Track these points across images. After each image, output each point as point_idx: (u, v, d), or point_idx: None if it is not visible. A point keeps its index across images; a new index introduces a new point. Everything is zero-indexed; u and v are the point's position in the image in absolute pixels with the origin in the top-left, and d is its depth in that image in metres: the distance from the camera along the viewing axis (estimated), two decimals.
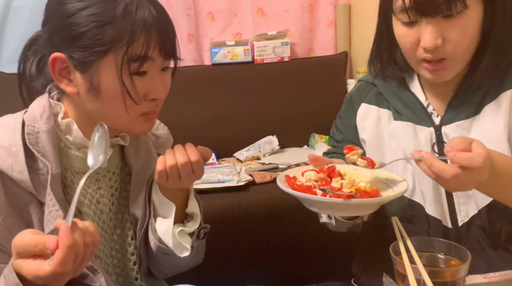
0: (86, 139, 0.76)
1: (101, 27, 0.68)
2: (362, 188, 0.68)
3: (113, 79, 0.70)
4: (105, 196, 0.80)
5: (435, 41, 0.78)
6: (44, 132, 0.71)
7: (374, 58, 0.96)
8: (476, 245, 0.86)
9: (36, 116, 0.72)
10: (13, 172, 0.68)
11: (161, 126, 0.95)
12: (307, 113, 2.24)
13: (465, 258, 0.64)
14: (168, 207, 0.82)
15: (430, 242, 0.69)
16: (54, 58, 0.71)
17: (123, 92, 0.71)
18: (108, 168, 0.81)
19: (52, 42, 0.72)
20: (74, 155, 0.76)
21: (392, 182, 0.73)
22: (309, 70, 2.34)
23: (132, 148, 0.86)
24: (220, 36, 2.39)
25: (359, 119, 0.99)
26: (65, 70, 0.72)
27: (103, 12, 0.69)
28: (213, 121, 2.17)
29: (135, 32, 0.69)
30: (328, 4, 2.44)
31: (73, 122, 0.76)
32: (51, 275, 0.54)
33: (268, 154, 2.10)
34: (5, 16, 2.16)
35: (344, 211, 0.69)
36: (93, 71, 0.70)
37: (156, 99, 0.76)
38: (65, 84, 0.73)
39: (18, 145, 0.69)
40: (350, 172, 0.77)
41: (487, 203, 0.84)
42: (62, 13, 0.70)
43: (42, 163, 0.70)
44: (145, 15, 0.70)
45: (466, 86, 0.87)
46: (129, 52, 0.69)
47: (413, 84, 0.94)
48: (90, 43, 0.69)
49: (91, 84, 0.71)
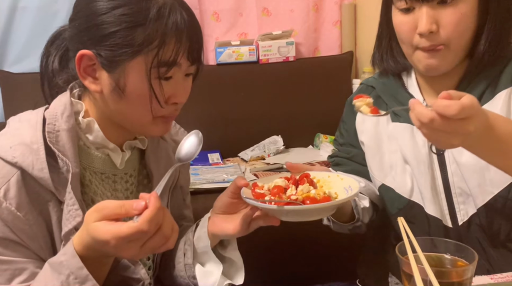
0: (106, 139, 0.76)
1: (133, 28, 0.68)
2: (312, 195, 0.72)
3: (140, 81, 0.70)
4: (120, 198, 0.80)
5: (429, 25, 0.79)
6: (65, 130, 0.71)
7: (376, 51, 0.97)
8: (477, 244, 0.86)
9: (57, 114, 0.72)
10: (33, 169, 0.68)
11: (181, 131, 0.94)
12: (312, 113, 2.24)
13: (472, 259, 0.63)
14: (210, 260, 0.81)
15: (436, 242, 0.69)
16: (81, 55, 0.70)
17: (150, 95, 0.70)
18: (126, 170, 0.81)
19: (80, 39, 0.71)
20: (93, 154, 0.76)
21: (353, 188, 0.75)
22: (314, 70, 2.34)
23: (152, 154, 0.85)
24: (225, 36, 2.39)
25: (358, 122, 1.00)
26: (90, 68, 0.71)
27: (135, 13, 0.68)
28: (218, 120, 2.16)
29: (166, 35, 0.68)
30: (333, 3, 2.44)
31: (94, 121, 0.75)
32: (133, 233, 0.57)
33: (273, 154, 2.10)
34: (12, 16, 2.17)
35: (291, 216, 0.73)
36: (121, 71, 0.70)
37: (177, 104, 0.75)
38: (89, 82, 0.72)
39: (39, 143, 0.69)
40: (324, 179, 0.80)
41: (485, 202, 0.84)
42: (93, 11, 0.69)
43: (62, 161, 0.70)
44: (178, 19, 0.69)
45: (464, 86, 0.86)
46: (159, 56, 0.68)
47: (410, 85, 0.94)
48: (120, 43, 0.68)
49: (116, 84, 0.70)
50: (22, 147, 0.69)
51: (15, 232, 0.67)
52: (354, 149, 1.02)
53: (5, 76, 2.16)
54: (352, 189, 0.75)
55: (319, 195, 0.72)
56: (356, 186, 0.75)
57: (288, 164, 0.80)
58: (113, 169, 0.79)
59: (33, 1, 2.16)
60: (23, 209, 0.68)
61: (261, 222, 0.77)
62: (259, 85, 2.27)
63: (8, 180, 0.67)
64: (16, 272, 0.67)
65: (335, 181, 0.79)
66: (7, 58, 2.21)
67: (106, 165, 0.77)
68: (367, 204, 0.95)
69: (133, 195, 0.83)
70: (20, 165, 0.68)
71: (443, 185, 0.88)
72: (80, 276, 0.62)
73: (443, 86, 0.87)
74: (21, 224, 0.67)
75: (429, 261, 0.63)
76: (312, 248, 1.66)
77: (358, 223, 0.94)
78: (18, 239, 0.67)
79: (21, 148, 0.68)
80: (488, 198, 0.83)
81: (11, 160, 0.68)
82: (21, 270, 0.67)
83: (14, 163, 0.68)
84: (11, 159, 0.68)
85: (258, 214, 0.77)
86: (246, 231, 0.78)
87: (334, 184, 0.78)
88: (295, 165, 0.80)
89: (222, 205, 0.80)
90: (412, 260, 0.63)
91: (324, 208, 0.71)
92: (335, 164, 1.05)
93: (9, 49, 2.20)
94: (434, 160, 0.88)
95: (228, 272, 0.83)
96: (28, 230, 0.68)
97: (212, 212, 0.83)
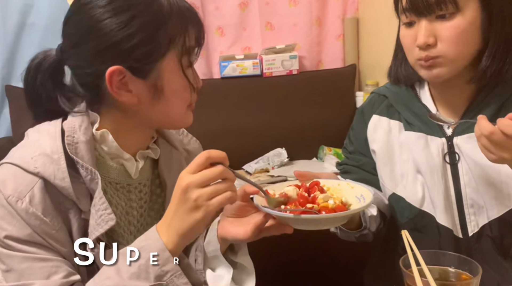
0: (120, 149, 0.77)
1: (156, 31, 0.69)
2: (330, 205, 0.73)
3: (176, 75, 0.72)
4: (134, 207, 0.81)
5: (426, 39, 0.81)
6: (83, 142, 0.72)
7: (392, 64, 0.98)
8: (487, 256, 0.85)
9: (75, 126, 0.73)
10: (55, 179, 0.69)
11: (193, 140, 0.96)
12: (316, 125, 2.25)
13: (476, 272, 0.64)
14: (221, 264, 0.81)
15: (441, 255, 0.69)
16: (111, 72, 0.70)
17: (187, 85, 0.73)
18: (139, 180, 0.81)
19: (99, 59, 0.71)
20: (109, 165, 0.77)
21: (365, 197, 0.77)
22: (318, 83, 2.35)
23: (165, 163, 0.85)
24: (229, 50, 2.42)
25: (370, 130, 1.00)
26: (120, 82, 0.71)
27: (153, 16, 0.69)
28: (222, 133, 2.18)
29: (185, 23, 0.72)
30: (336, 17, 2.46)
31: (108, 132, 0.76)
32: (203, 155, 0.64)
33: (277, 167, 2.10)
34: (20, 33, 2.21)
35: (307, 225, 0.74)
36: (155, 75, 0.71)
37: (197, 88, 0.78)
38: (124, 97, 0.72)
39: (60, 153, 0.70)
40: (334, 188, 0.81)
41: (500, 215, 0.84)
42: (106, 29, 0.69)
43: (86, 171, 0.71)
44: (186, 4, 0.73)
45: (480, 99, 0.87)
46: (187, 44, 0.72)
47: (424, 96, 0.95)
48: (147, 50, 0.69)
49: (154, 89, 0.72)
50: (43, 157, 0.70)
51: (44, 237, 0.68)
52: (364, 158, 1.02)
53: (13, 91, 2.19)
54: (364, 198, 0.75)
55: (335, 204, 0.73)
56: (369, 194, 0.75)
57: (296, 173, 0.80)
58: (128, 179, 0.80)
59: (41, 18, 2.20)
60: (48, 214, 0.69)
61: (274, 230, 0.78)
62: (263, 98, 2.29)
63: (32, 187, 0.68)
64: (52, 270, 0.67)
65: (345, 190, 0.80)
66: (15, 73, 2.24)
67: (121, 175, 0.78)
68: (374, 213, 0.95)
69: (146, 204, 0.83)
70: (42, 175, 0.69)
71: (455, 196, 0.88)
72: (162, 258, 0.63)
73: (456, 97, 0.89)
74: (48, 228, 0.68)
75: (433, 274, 0.63)
76: (318, 257, 1.66)
77: (365, 231, 0.94)
78: (46, 243, 0.68)
79: (42, 159, 0.70)
80: (503, 211, 0.84)
81: (33, 170, 0.69)
82: (58, 268, 0.68)
83: (36, 173, 0.69)
84: (33, 170, 0.69)
85: (272, 223, 0.78)
86: (256, 237, 0.78)
87: (345, 193, 0.79)
88: (303, 173, 0.80)
89: (233, 207, 0.80)
90: (416, 273, 0.63)
91: (341, 217, 0.72)
92: (344, 172, 1.05)
93: (17, 64, 2.24)
94: (447, 170, 0.88)
95: (239, 278, 0.83)
96: (55, 235, 0.69)
97: (222, 215, 0.83)
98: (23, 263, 0.66)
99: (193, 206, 0.64)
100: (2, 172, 0.70)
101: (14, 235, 0.67)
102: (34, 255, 0.67)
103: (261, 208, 0.73)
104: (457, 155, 0.87)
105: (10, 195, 0.67)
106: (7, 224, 0.67)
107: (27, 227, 0.67)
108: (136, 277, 0.63)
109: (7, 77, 2.23)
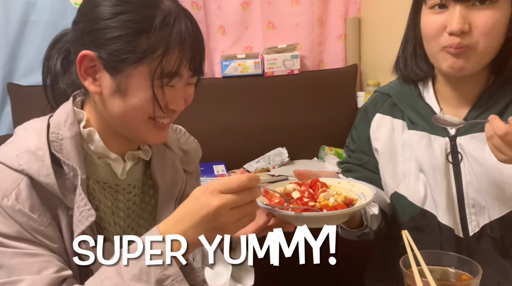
0: (106, 149, 0.77)
1: (137, 35, 0.68)
2: (331, 203, 0.74)
3: (142, 86, 0.70)
4: (120, 208, 0.80)
5: (462, 25, 0.79)
6: (68, 139, 0.72)
7: (400, 56, 0.97)
8: (488, 256, 0.85)
9: (60, 122, 0.73)
10: (39, 175, 0.69)
11: (191, 139, 0.94)
12: (317, 125, 2.25)
13: (476, 273, 0.64)
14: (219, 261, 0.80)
15: (441, 255, 0.69)
16: (83, 56, 0.71)
17: (152, 101, 0.71)
18: (128, 181, 0.81)
19: (82, 41, 0.72)
20: (96, 163, 0.76)
21: (366, 195, 0.78)
22: (319, 82, 2.35)
23: (158, 165, 0.85)
24: (231, 49, 2.42)
25: (373, 129, 1.00)
26: (91, 69, 0.72)
27: (140, 20, 0.69)
28: (223, 133, 2.18)
29: (170, 45, 0.69)
30: (338, 17, 2.46)
31: (95, 131, 0.76)
32: (244, 182, 0.62)
33: (278, 166, 2.10)
34: (22, 30, 2.21)
35: (308, 223, 0.73)
36: (123, 75, 0.70)
37: (175, 111, 0.76)
38: (89, 83, 0.73)
39: (44, 149, 0.70)
40: (334, 186, 0.81)
41: (502, 215, 0.84)
42: (97, 15, 0.70)
43: (68, 167, 0.70)
44: (182, 28, 0.70)
45: (485, 99, 0.87)
46: (163, 65, 0.69)
47: (427, 95, 0.95)
48: (123, 49, 0.69)
49: (117, 87, 0.71)
50: (28, 154, 0.70)
51: (32, 233, 0.68)
52: (366, 156, 1.02)
53: (14, 89, 2.19)
54: (365, 196, 0.76)
55: (335, 202, 0.74)
56: (370, 192, 0.76)
57: (296, 172, 0.81)
58: (116, 179, 0.79)
59: (44, 16, 2.20)
60: (36, 211, 0.68)
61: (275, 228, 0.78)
62: (264, 97, 2.29)
63: (18, 184, 0.68)
64: (43, 265, 0.67)
65: (345, 188, 0.80)
66: (17, 71, 2.24)
67: (108, 174, 0.78)
68: (376, 211, 0.95)
69: (135, 206, 0.82)
70: (27, 172, 0.69)
71: (457, 195, 0.88)
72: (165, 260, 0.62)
73: (462, 96, 0.88)
74: (36, 225, 0.68)
75: (433, 275, 0.63)
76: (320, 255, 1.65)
77: (366, 230, 0.94)
78: (36, 240, 0.68)
79: (26, 155, 0.70)
80: (505, 211, 0.84)
81: (17, 167, 0.69)
82: (49, 263, 0.67)
83: (20, 170, 0.69)
84: (17, 167, 0.69)
85: (274, 222, 0.78)
86: (258, 236, 0.78)
87: (345, 191, 0.79)
88: (303, 172, 0.81)
89: None
90: (416, 273, 0.63)
91: (341, 215, 0.73)
92: (346, 170, 1.05)
93: (19, 62, 2.24)
94: (450, 170, 0.88)
95: (237, 274, 0.83)
96: (44, 231, 0.68)
97: None
98: (13, 258, 0.66)
99: (219, 227, 0.63)
100: None
101: (2, 231, 0.67)
102: (24, 250, 0.66)
103: (262, 206, 0.73)
104: (460, 155, 0.88)
105: None
106: None
107: (15, 224, 0.67)
108: (137, 279, 0.62)
109: (9, 75, 2.23)
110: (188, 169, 0.91)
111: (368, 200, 0.74)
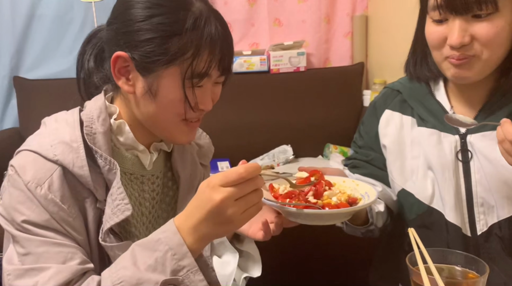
0: (136, 141, 0.78)
1: (169, 37, 0.69)
2: (333, 202, 0.74)
3: (173, 88, 0.71)
4: (146, 198, 0.81)
5: (461, 39, 0.79)
6: (101, 133, 0.73)
7: (410, 58, 0.96)
8: (495, 255, 0.84)
9: (93, 117, 0.74)
10: (74, 167, 0.70)
11: (203, 135, 0.96)
12: (322, 123, 2.24)
13: (483, 271, 0.63)
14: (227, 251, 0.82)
15: (448, 253, 0.68)
16: (117, 56, 0.72)
17: (183, 101, 0.72)
18: (153, 171, 0.82)
19: (117, 41, 0.73)
20: (124, 155, 0.78)
21: (370, 195, 0.77)
22: (325, 80, 2.34)
23: (178, 157, 0.86)
24: (237, 46, 2.42)
25: (382, 125, 0.99)
26: (125, 69, 0.73)
27: (172, 23, 0.70)
28: (228, 129, 2.18)
29: (200, 47, 0.70)
30: (345, 15, 2.45)
31: (125, 123, 0.77)
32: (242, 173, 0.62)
33: (282, 164, 2.10)
34: (29, 24, 2.22)
35: (310, 220, 0.74)
36: (154, 76, 0.72)
37: (203, 110, 0.77)
38: (123, 82, 0.74)
39: (79, 142, 0.71)
40: (339, 184, 0.81)
41: (510, 215, 0.83)
42: (131, 17, 0.72)
43: (104, 161, 0.72)
44: (212, 30, 0.71)
45: (497, 98, 0.86)
46: (193, 66, 0.70)
47: (438, 92, 0.94)
48: (155, 51, 0.70)
49: (149, 88, 0.72)
50: (63, 145, 0.71)
51: (61, 223, 0.69)
52: (373, 153, 1.01)
53: (20, 82, 2.20)
54: (369, 196, 0.75)
55: (339, 200, 0.74)
56: (374, 193, 0.75)
57: (301, 168, 0.81)
58: (142, 170, 0.80)
59: (50, 9, 2.21)
60: (66, 202, 0.69)
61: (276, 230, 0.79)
62: (270, 94, 2.28)
63: (51, 174, 0.69)
64: (68, 256, 0.68)
65: (350, 186, 0.80)
66: (23, 65, 2.26)
67: (135, 166, 0.79)
68: (382, 209, 0.94)
69: (158, 196, 0.84)
70: (61, 163, 0.70)
71: (465, 194, 0.87)
72: (180, 252, 0.63)
73: (474, 94, 0.88)
74: (65, 215, 0.69)
75: (440, 272, 0.62)
76: (323, 254, 1.65)
77: (372, 227, 0.94)
78: (63, 230, 0.69)
79: (61, 147, 0.70)
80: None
81: (52, 157, 0.70)
82: (74, 254, 0.68)
83: (55, 161, 0.70)
84: (52, 157, 0.70)
85: (277, 221, 0.78)
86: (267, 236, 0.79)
87: (349, 190, 0.79)
88: (307, 168, 0.80)
89: None
90: (423, 270, 0.62)
91: (343, 213, 0.73)
92: (352, 166, 1.04)
93: (25, 56, 2.25)
94: (459, 168, 0.88)
95: (245, 265, 0.84)
96: (72, 223, 0.70)
97: None
98: (41, 247, 0.67)
99: (226, 220, 0.63)
100: (22, 159, 0.71)
101: (32, 220, 0.68)
102: (51, 239, 0.68)
103: (265, 201, 0.73)
104: (470, 153, 0.87)
105: (30, 181, 0.68)
106: (26, 209, 0.68)
107: (46, 212, 0.68)
108: (153, 269, 0.63)
109: (15, 68, 2.24)
110: (204, 162, 0.93)
111: (372, 200, 0.73)
